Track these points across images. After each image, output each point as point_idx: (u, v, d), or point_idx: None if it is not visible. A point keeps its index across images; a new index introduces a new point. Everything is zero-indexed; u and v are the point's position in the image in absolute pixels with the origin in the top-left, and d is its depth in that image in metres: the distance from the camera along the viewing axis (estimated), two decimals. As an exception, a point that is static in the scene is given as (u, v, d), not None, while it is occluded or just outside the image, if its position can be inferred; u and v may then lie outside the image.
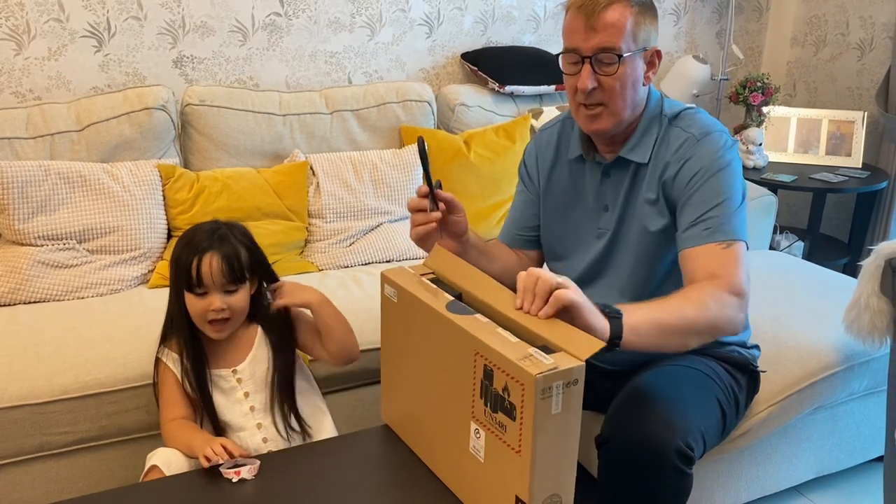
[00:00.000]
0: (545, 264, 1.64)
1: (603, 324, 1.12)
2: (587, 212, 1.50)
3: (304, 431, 1.49)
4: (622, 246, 1.47)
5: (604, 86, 1.34)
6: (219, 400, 1.47)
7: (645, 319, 1.17)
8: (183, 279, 1.42)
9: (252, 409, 1.47)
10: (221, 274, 1.41)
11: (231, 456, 1.29)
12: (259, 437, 1.46)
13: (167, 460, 1.35)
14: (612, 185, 1.46)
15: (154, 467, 1.35)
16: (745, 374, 1.54)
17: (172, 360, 1.47)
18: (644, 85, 1.39)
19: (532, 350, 1.01)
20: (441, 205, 1.35)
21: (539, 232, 1.61)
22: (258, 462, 1.31)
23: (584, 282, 1.50)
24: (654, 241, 1.43)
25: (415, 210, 1.35)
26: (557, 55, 1.39)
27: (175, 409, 1.45)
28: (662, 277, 1.46)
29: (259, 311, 1.52)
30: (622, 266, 1.48)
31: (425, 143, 1.34)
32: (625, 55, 1.31)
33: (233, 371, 1.48)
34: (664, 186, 1.40)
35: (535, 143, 1.61)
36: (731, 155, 1.37)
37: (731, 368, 1.50)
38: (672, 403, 1.31)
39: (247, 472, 1.28)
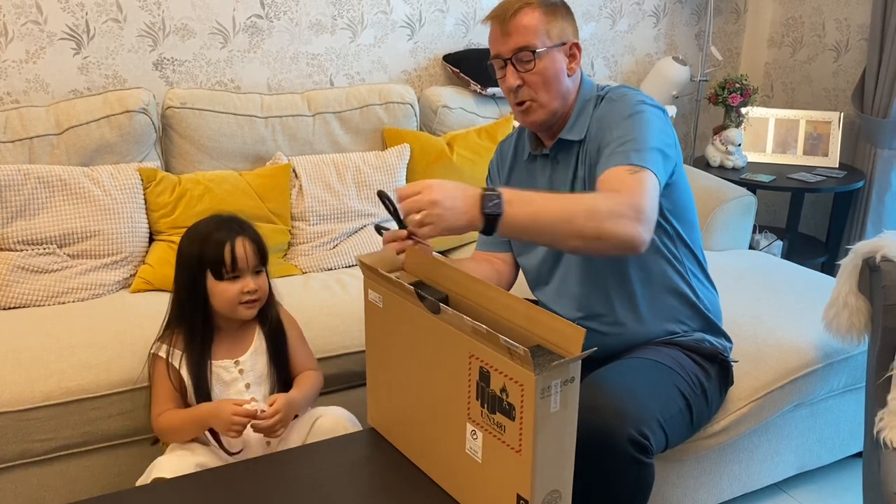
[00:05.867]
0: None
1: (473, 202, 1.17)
2: None
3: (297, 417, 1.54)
4: None
5: (528, 82, 1.45)
6: (217, 392, 1.47)
7: (531, 194, 1.24)
8: (211, 266, 1.44)
9: (252, 400, 1.48)
10: (255, 255, 1.47)
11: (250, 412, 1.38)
12: None
13: (175, 471, 1.34)
14: (561, 172, 1.54)
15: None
16: (715, 364, 1.55)
17: (170, 354, 1.48)
18: (570, 76, 1.48)
19: (527, 350, 1.01)
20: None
21: None
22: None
23: (547, 266, 1.58)
24: None
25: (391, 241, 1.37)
26: (489, 64, 1.50)
27: (168, 404, 1.47)
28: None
29: (262, 307, 1.54)
30: None
31: (387, 194, 1.40)
32: (539, 51, 1.42)
33: (235, 362, 1.50)
34: (589, 151, 1.47)
35: (497, 154, 1.71)
36: (646, 109, 1.42)
37: (698, 359, 1.52)
38: (625, 394, 1.33)
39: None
